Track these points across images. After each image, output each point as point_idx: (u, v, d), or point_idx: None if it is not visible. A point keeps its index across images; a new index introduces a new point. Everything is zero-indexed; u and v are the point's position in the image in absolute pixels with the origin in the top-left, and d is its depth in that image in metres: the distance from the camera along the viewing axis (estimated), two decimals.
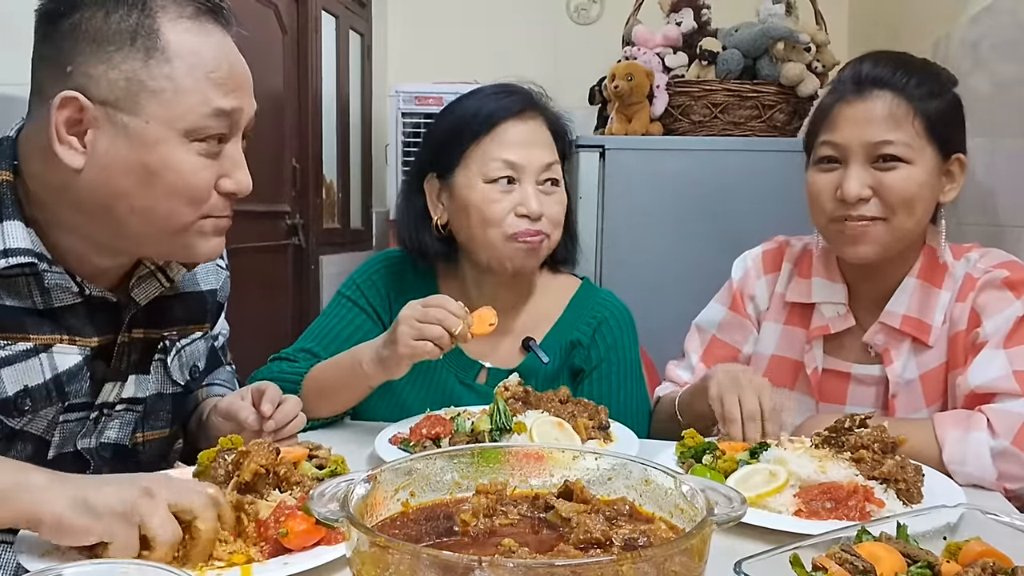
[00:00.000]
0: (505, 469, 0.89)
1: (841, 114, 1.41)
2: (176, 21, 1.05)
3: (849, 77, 1.44)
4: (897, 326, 1.45)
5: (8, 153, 1.10)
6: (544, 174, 1.53)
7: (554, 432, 1.30)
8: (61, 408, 1.12)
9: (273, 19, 3.42)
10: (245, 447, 1.05)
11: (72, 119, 1.03)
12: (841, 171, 1.41)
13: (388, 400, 1.54)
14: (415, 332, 1.31)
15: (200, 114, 1.05)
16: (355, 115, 4.18)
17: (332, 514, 0.72)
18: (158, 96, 1.03)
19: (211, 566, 0.90)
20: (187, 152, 1.06)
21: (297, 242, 3.59)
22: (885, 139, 1.37)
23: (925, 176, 1.39)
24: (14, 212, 1.07)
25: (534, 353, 1.58)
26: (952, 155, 1.42)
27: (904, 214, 1.39)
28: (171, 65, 1.04)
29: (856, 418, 1.19)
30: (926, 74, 1.43)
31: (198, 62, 1.05)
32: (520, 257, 1.53)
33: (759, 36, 2.75)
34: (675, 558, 0.66)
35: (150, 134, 1.04)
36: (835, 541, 0.82)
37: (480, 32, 4.11)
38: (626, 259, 2.76)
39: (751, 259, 1.65)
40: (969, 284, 1.43)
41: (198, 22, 1.07)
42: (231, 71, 1.09)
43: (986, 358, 1.35)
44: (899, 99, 1.38)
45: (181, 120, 1.05)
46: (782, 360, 1.58)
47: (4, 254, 1.04)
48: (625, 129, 2.87)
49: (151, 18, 1.04)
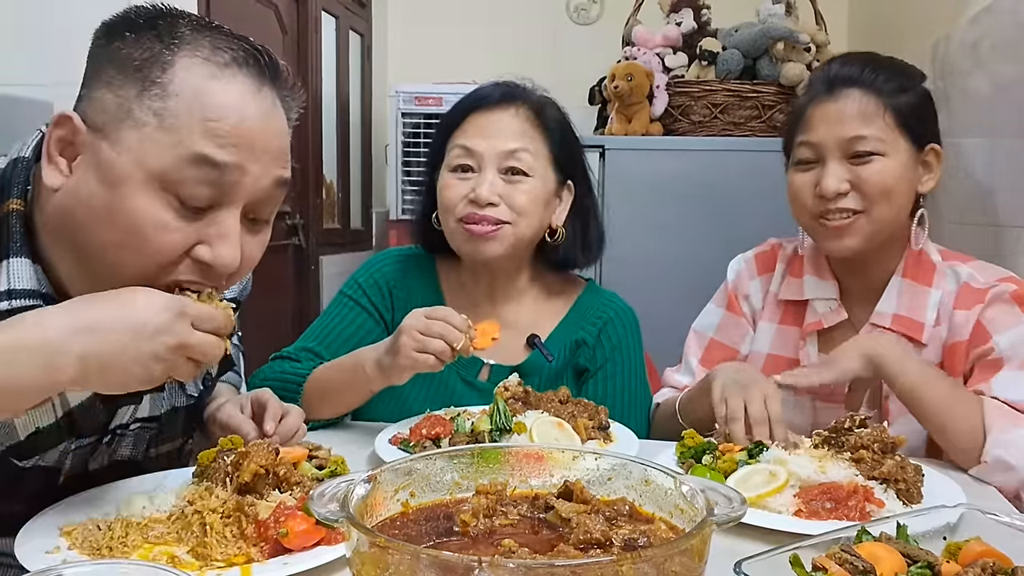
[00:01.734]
0: (505, 469, 0.89)
1: (815, 115, 1.47)
2: (195, 60, 0.95)
3: (820, 79, 1.50)
4: (888, 326, 1.47)
5: (21, 177, 1.01)
6: (507, 161, 1.50)
7: (554, 432, 1.30)
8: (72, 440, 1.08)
9: (273, 19, 3.42)
10: (245, 448, 1.05)
11: (65, 139, 0.96)
12: (819, 169, 1.46)
13: (389, 396, 1.53)
14: (417, 344, 1.31)
15: (176, 157, 0.92)
16: (355, 115, 4.18)
17: (332, 514, 0.72)
18: (139, 129, 0.93)
19: (211, 566, 0.90)
20: (151, 202, 0.93)
21: (297, 242, 3.59)
22: (858, 134, 1.42)
23: (900, 167, 1.43)
24: (21, 247, 0.99)
25: (539, 351, 1.57)
26: (926, 146, 1.47)
27: (883, 205, 1.43)
28: (164, 101, 0.93)
29: (856, 418, 1.20)
30: (893, 70, 1.47)
31: (198, 105, 0.94)
32: (470, 243, 1.51)
33: (759, 36, 2.75)
34: (675, 558, 0.66)
35: (119, 168, 0.93)
36: (835, 541, 0.82)
37: (480, 32, 4.11)
38: (626, 259, 2.75)
39: (744, 261, 1.68)
40: (970, 294, 1.43)
41: (225, 69, 0.96)
42: (242, 125, 0.96)
43: (1009, 378, 1.35)
44: (868, 95, 1.43)
45: (152, 157, 0.92)
46: (777, 359, 1.59)
47: (8, 295, 0.97)
48: (625, 129, 2.87)
49: (170, 51, 0.95)
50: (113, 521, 0.97)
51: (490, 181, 1.49)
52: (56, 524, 0.97)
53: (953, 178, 2.15)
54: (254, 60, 0.99)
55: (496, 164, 1.50)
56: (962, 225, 2.08)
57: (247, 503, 0.98)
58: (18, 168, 1.02)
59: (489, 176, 1.49)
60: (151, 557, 0.91)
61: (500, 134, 1.51)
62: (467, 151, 1.51)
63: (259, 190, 0.99)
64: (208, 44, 0.97)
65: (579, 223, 1.62)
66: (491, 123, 1.52)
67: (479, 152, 1.50)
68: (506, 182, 1.50)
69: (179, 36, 0.96)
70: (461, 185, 1.51)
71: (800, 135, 1.49)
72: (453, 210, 1.51)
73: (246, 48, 0.99)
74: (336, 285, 1.71)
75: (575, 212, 1.61)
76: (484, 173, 1.50)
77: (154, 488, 1.07)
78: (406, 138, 3.64)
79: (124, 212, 0.93)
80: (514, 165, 1.50)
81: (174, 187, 0.93)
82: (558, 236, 1.59)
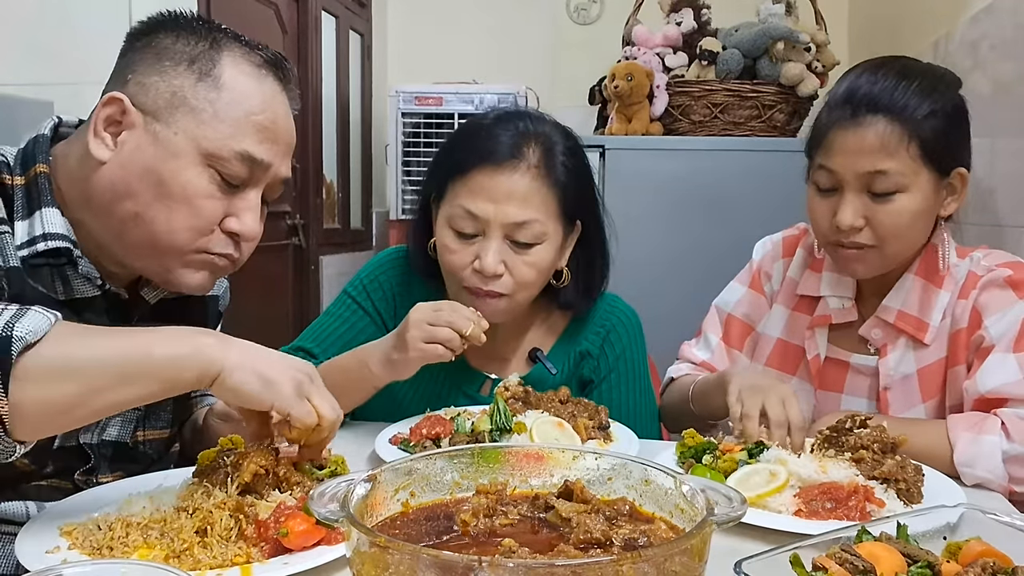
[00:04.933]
0: (505, 469, 0.89)
1: (836, 141, 1.40)
2: (237, 60, 1.12)
3: (844, 97, 1.41)
4: (892, 321, 1.47)
5: (44, 148, 1.14)
6: (515, 234, 1.42)
7: (554, 432, 1.30)
8: None
9: (273, 19, 3.42)
10: (245, 448, 1.05)
11: (112, 118, 1.09)
12: (837, 198, 1.42)
13: (389, 405, 1.52)
14: (425, 335, 1.30)
15: (227, 146, 1.09)
16: (355, 115, 4.18)
17: (332, 514, 0.72)
18: (196, 114, 1.08)
19: (211, 566, 0.90)
20: (200, 175, 1.09)
21: (297, 242, 3.59)
22: (878, 169, 1.36)
23: (920, 201, 1.38)
24: (52, 200, 1.10)
25: (542, 364, 1.56)
26: (952, 170, 1.41)
27: (895, 243, 1.41)
28: (218, 92, 1.09)
29: (857, 418, 1.20)
30: (925, 87, 1.38)
31: (245, 101, 1.10)
32: (474, 304, 1.44)
33: (759, 36, 2.75)
34: (675, 558, 0.66)
35: (174, 145, 1.08)
36: (835, 541, 0.82)
37: (480, 32, 4.11)
38: (626, 259, 2.73)
39: (771, 242, 1.68)
40: (971, 281, 1.43)
41: (259, 69, 1.13)
42: (275, 123, 1.13)
43: (996, 362, 1.35)
44: (893, 124, 1.36)
45: (207, 140, 1.08)
46: (787, 345, 1.60)
47: (44, 238, 1.08)
48: (625, 129, 2.87)
49: (216, 50, 1.11)
50: (113, 521, 0.97)
51: (495, 250, 1.42)
52: (56, 524, 0.97)
53: None
54: (277, 64, 1.16)
55: (502, 232, 1.42)
56: (962, 225, 2.08)
57: (247, 503, 0.98)
58: (39, 143, 1.15)
59: (494, 245, 1.42)
60: (151, 557, 0.91)
61: (509, 200, 1.41)
62: (472, 216, 1.42)
63: (276, 178, 1.16)
64: (240, 47, 1.13)
65: (583, 259, 1.56)
66: (498, 185, 1.41)
67: (485, 219, 1.41)
68: (512, 250, 1.43)
69: (218, 38, 1.12)
70: (465, 252, 1.44)
71: (820, 156, 1.44)
72: (457, 276, 1.46)
73: (269, 53, 1.16)
74: (336, 285, 1.71)
75: (580, 246, 1.55)
76: (489, 240, 1.42)
77: (154, 488, 1.07)
78: (406, 138, 3.64)
79: (179, 182, 1.08)
80: (521, 239, 1.43)
81: (218, 165, 1.10)
82: (563, 279, 1.54)
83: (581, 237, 1.55)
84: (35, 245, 1.07)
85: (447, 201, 1.47)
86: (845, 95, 1.41)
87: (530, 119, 1.49)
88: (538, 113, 1.56)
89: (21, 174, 1.12)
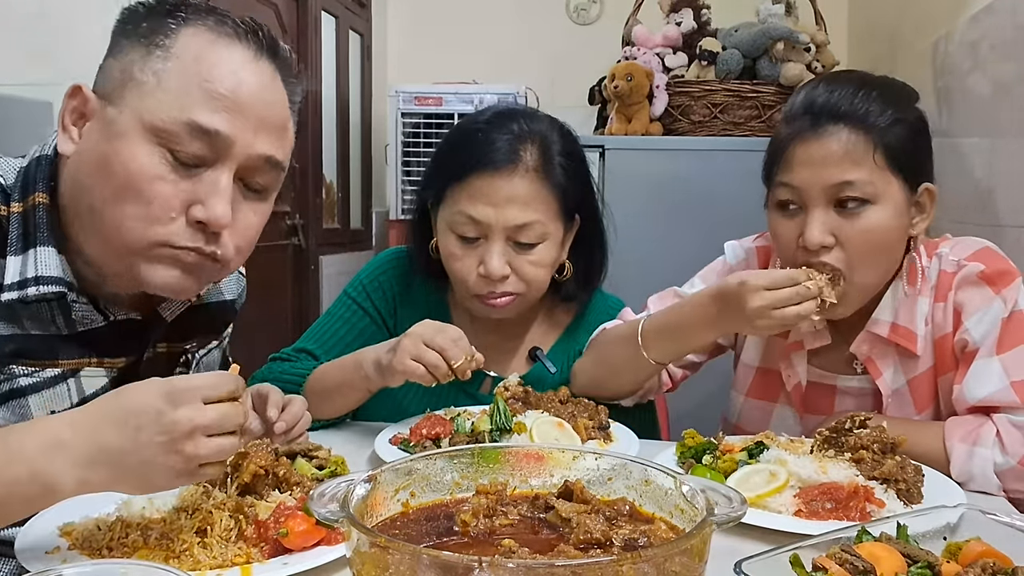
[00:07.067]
0: (505, 469, 0.89)
1: (797, 154, 1.32)
2: (199, 29, 1.02)
3: (801, 108, 1.34)
4: (884, 335, 1.39)
5: (46, 172, 1.05)
6: (516, 235, 1.43)
7: (554, 432, 1.30)
8: None
9: (273, 19, 3.42)
10: (244, 448, 1.05)
11: (77, 109, 1.03)
12: (802, 217, 1.33)
13: (389, 406, 1.52)
14: (415, 352, 1.30)
15: (171, 117, 0.98)
16: (355, 115, 4.18)
17: (332, 514, 0.72)
18: (139, 87, 0.99)
19: (211, 566, 0.90)
20: (149, 154, 0.98)
21: (297, 242, 3.59)
22: (844, 180, 1.28)
23: (891, 215, 1.31)
24: (48, 237, 1.02)
25: (541, 363, 1.56)
26: (920, 186, 1.34)
27: (866, 268, 1.32)
28: (166, 63, 0.99)
29: (856, 418, 1.20)
30: (886, 95, 1.33)
31: (197, 69, 0.99)
32: (483, 310, 1.49)
33: (759, 36, 2.75)
34: (675, 558, 0.66)
35: (118, 124, 0.99)
36: (835, 541, 0.82)
37: (480, 32, 4.11)
38: (625, 259, 2.74)
39: (743, 249, 1.59)
40: (946, 282, 1.37)
41: (225, 37, 1.02)
42: (235, 91, 1.00)
43: (981, 369, 1.31)
44: (856, 133, 1.29)
45: (148, 113, 0.98)
46: (767, 372, 1.54)
47: (36, 281, 1.01)
48: (625, 129, 2.87)
49: (176, 21, 1.02)
50: (113, 521, 0.97)
51: (499, 253, 1.43)
52: (56, 524, 0.97)
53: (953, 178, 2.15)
54: (253, 34, 1.05)
55: (504, 235, 1.43)
56: (962, 225, 2.08)
57: (247, 503, 0.98)
58: (42, 165, 1.06)
59: (497, 248, 1.43)
60: (150, 557, 0.91)
61: (509, 203, 1.42)
62: (473, 222, 1.43)
63: (250, 157, 1.03)
64: (213, 18, 1.03)
65: (583, 251, 1.56)
66: (497, 190, 1.42)
67: (486, 223, 1.42)
68: (516, 251, 1.45)
69: (186, 11, 1.03)
70: (469, 257, 1.46)
71: (780, 174, 1.35)
72: (464, 283, 1.47)
73: (247, 23, 1.05)
74: (336, 285, 1.71)
75: (579, 238, 1.56)
76: (492, 244, 1.43)
77: None
78: (406, 138, 3.64)
79: (120, 162, 0.98)
80: (523, 240, 1.44)
81: (167, 142, 0.98)
82: (565, 271, 1.55)
83: (580, 229, 1.56)
84: (25, 289, 1.00)
85: (447, 206, 1.47)
86: (803, 106, 1.34)
87: (525, 119, 1.49)
88: (532, 111, 1.57)
89: (20, 200, 1.03)
